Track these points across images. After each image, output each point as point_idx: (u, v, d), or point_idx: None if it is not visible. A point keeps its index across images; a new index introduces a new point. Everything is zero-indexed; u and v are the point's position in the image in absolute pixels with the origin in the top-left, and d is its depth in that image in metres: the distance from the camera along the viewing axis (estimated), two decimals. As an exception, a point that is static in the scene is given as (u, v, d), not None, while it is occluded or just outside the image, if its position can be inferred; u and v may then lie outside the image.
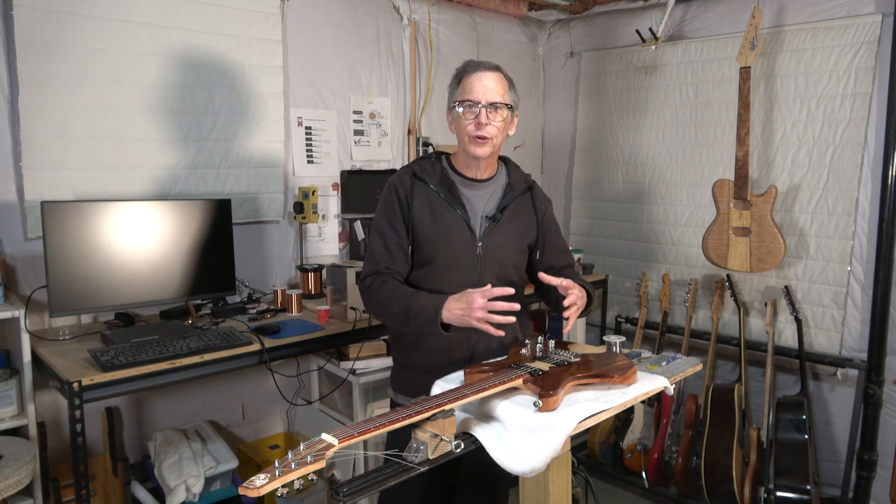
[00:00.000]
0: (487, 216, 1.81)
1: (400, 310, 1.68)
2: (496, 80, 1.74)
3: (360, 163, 3.16)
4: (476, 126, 1.71)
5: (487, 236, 1.79)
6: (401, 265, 1.78)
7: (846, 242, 2.83)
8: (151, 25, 2.44)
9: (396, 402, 1.91)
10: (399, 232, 1.77)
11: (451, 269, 1.77)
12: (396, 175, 1.84)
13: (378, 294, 1.74)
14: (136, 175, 2.46)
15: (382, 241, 1.78)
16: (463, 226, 1.77)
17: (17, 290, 2.24)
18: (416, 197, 1.78)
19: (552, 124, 4.05)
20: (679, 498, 3.06)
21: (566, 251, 1.98)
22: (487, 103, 1.71)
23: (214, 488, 2.44)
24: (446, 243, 1.76)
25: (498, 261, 1.81)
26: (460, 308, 1.58)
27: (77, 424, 1.78)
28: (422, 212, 1.77)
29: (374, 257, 1.79)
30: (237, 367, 2.12)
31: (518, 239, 1.85)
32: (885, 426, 2.77)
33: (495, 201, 1.83)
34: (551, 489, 1.39)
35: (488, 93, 1.71)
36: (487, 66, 1.75)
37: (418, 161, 1.86)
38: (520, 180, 1.89)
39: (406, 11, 3.28)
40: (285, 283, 2.93)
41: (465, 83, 1.74)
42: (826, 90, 2.84)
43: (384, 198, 1.83)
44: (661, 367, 1.60)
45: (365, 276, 1.80)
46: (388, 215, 1.80)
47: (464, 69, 1.77)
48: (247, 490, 0.95)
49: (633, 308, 3.63)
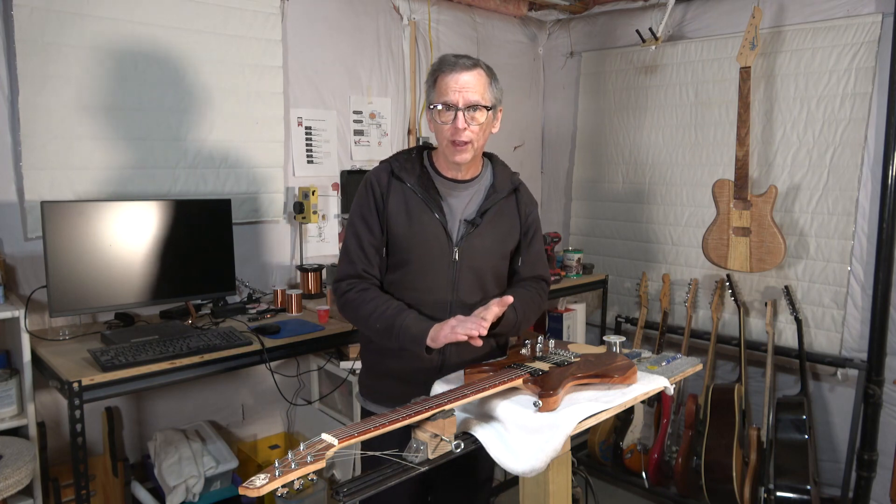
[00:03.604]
0: (466, 220, 1.70)
1: (382, 326, 1.62)
2: (475, 79, 1.60)
3: (360, 163, 3.16)
4: (454, 131, 1.59)
5: (465, 241, 1.68)
6: (376, 268, 1.71)
7: (846, 242, 2.83)
8: (151, 25, 2.44)
9: (367, 410, 1.80)
10: (374, 232, 1.69)
11: (426, 275, 1.68)
12: (374, 171, 1.74)
13: (359, 305, 1.66)
14: (136, 175, 2.46)
15: (357, 242, 1.70)
16: (439, 229, 1.66)
17: (17, 290, 2.24)
18: (391, 195, 1.68)
19: (552, 124, 4.06)
20: (679, 498, 3.06)
21: (540, 261, 1.85)
22: (465, 105, 1.58)
23: (214, 488, 2.44)
24: (421, 246, 1.67)
25: (475, 267, 1.70)
26: (450, 325, 1.51)
27: (77, 424, 1.78)
28: (397, 211, 1.67)
29: (350, 258, 1.71)
30: (237, 367, 2.12)
31: (499, 244, 1.74)
32: (885, 426, 2.77)
33: (476, 204, 1.72)
34: (551, 489, 1.39)
35: (466, 93, 1.58)
36: (465, 63, 1.60)
37: (397, 156, 1.75)
38: (505, 181, 1.77)
39: (406, 11, 3.28)
40: (285, 283, 2.92)
41: (441, 83, 1.60)
42: (826, 90, 2.84)
43: (360, 195, 1.73)
44: (661, 367, 1.61)
45: (341, 278, 1.71)
46: (363, 214, 1.70)
47: (439, 67, 1.63)
48: (247, 490, 0.95)
49: (633, 308, 3.63)
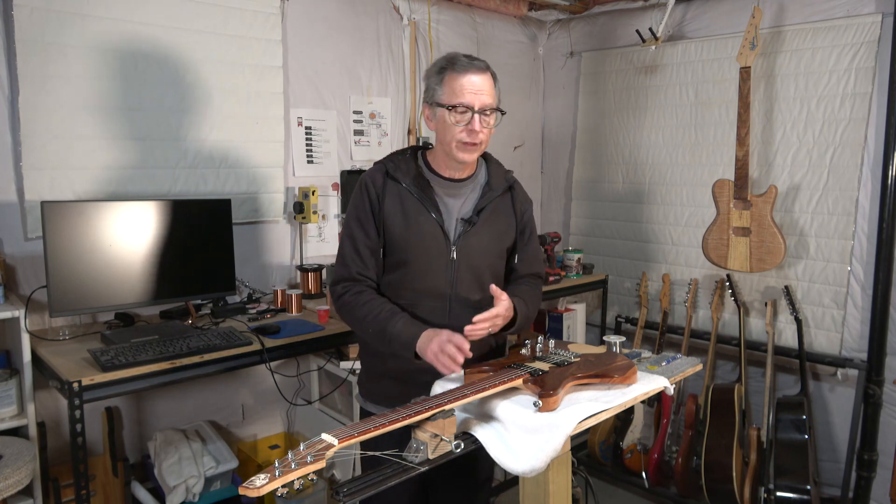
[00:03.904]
0: (463, 218, 1.71)
1: (375, 330, 1.63)
2: (488, 82, 1.63)
3: (361, 163, 3.16)
4: (468, 133, 1.61)
5: (462, 240, 1.69)
6: (372, 270, 1.72)
7: (846, 242, 2.83)
8: (151, 25, 2.44)
9: (367, 411, 1.82)
10: (369, 234, 1.69)
11: (425, 275, 1.69)
12: (369, 172, 1.74)
13: (354, 308, 1.67)
14: (137, 175, 2.46)
15: (352, 244, 1.70)
16: (436, 228, 1.68)
17: (17, 290, 2.24)
18: (387, 196, 1.69)
19: (552, 124, 4.06)
20: (679, 498, 3.06)
21: (536, 259, 1.87)
22: (481, 108, 1.60)
23: (214, 488, 2.44)
24: (418, 247, 1.67)
25: (472, 266, 1.71)
26: (432, 351, 1.52)
27: (77, 424, 1.78)
28: (393, 212, 1.68)
29: (345, 261, 1.72)
30: (237, 366, 2.12)
31: (496, 242, 1.75)
32: (885, 426, 2.77)
33: (472, 202, 1.73)
34: (551, 489, 1.39)
35: (482, 96, 1.60)
36: (479, 65, 1.62)
37: (392, 157, 1.75)
38: (500, 179, 1.78)
39: (406, 11, 3.28)
40: (285, 283, 2.92)
41: (455, 84, 1.60)
42: (826, 90, 2.84)
43: (355, 197, 1.73)
44: (661, 367, 1.61)
45: (337, 280, 1.73)
46: (358, 216, 1.71)
47: (450, 65, 1.62)
48: (247, 490, 0.95)
49: (633, 308, 3.63)
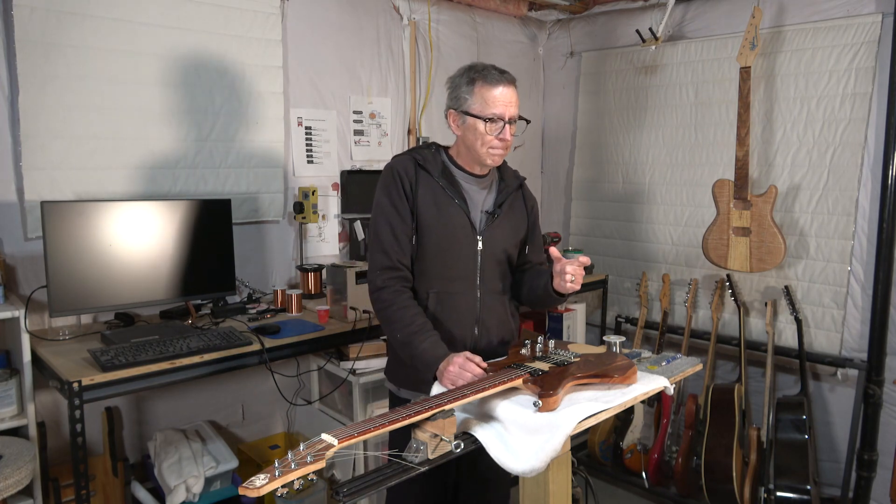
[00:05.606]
0: (487, 211, 1.82)
1: (402, 338, 1.67)
2: (516, 94, 1.74)
3: (360, 163, 3.16)
4: (500, 141, 1.72)
5: (487, 231, 1.80)
6: (408, 257, 1.77)
7: (846, 242, 2.83)
8: (151, 25, 2.44)
9: (398, 396, 1.88)
10: (406, 220, 1.74)
11: (456, 263, 1.78)
12: (398, 161, 1.79)
13: (388, 308, 1.71)
14: (136, 175, 2.46)
15: (391, 230, 1.73)
16: (465, 219, 1.77)
17: (17, 290, 2.24)
18: (420, 186, 1.76)
19: (552, 124, 4.05)
20: (679, 498, 3.06)
21: (541, 250, 2.01)
22: (510, 119, 1.72)
23: (214, 488, 2.44)
24: (450, 237, 1.76)
25: (496, 255, 1.82)
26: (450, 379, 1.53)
27: (77, 424, 1.78)
28: (426, 202, 1.75)
29: (384, 247, 1.73)
30: (237, 367, 2.12)
31: (514, 234, 1.87)
32: (885, 426, 2.77)
33: (493, 197, 1.85)
34: (551, 489, 1.39)
35: (511, 108, 1.72)
36: (509, 78, 1.74)
37: (418, 150, 1.83)
38: (511, 177, 1.91)
39: (406, 11, 3.28)
40: (285, 283, 2.93)
41: (488, 95, 1.69)
42: (826, 90, 2.84)
43: (387, 184, 1.77)
44: (661, 367, 1.61)
45: (379, 268, 1.74)
46: (393, 202, 1.74)
47: (483, 76, 1.71)
48: (247, 490, 0.95)
49: (633, 308, 3.63)
